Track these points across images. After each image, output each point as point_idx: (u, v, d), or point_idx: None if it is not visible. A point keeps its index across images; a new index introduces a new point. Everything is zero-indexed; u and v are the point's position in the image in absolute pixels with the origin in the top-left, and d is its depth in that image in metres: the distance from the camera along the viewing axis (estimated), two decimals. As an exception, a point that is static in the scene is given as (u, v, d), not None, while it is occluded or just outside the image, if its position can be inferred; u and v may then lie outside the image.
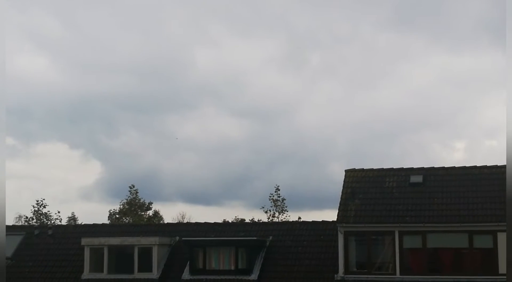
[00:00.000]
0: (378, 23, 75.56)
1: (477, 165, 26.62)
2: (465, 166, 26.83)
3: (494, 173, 25.95)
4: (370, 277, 24.30)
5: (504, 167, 26.28)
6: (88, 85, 74.84)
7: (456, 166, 26.95)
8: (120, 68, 77.81)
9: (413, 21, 77.58)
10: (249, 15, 79.11)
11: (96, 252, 27.90)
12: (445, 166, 26.99)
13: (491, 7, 72.60)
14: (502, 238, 23.20)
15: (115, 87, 75.59)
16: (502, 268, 23.07)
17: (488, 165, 26.43)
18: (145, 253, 27.41)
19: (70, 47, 77.40)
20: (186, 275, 26.92)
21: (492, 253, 23.50)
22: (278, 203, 48.42)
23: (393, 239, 24.32)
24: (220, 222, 32.76)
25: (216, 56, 79.21)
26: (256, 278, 26.23)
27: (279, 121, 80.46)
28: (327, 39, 79.14)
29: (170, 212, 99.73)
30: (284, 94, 78.85)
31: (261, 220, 46.84)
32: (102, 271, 27.58)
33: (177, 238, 28.66)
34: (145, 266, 27.28)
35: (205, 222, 30.21)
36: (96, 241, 28.03)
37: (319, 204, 74.83)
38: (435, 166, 27.06)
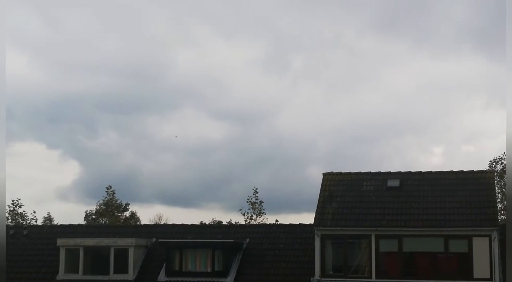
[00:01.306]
0: (361, 28, 76.03)
1: (454, 170, 26.80)
2: (441, 171, 26.98)
3: (471, 178, 26.15)
4: (346, 280, 24.33)
5: (480, 172, 26.65)
6: (67, 85, 74.57)
7: (433, 171, 27.11)
8: (100, 68, 77.59)
9: (395, 26, 78.16)
10: (232, 17, 79.23)
11: (72, 253, 27.67)
12: (422, 171, 27.13)
13: (474, 13, 73.33)
14: (477, 242, 23.47)
15: (94, 87, 75.34)
16: (477, 272, 23.33)
17: (464, 170, 26.62)
18: (121, 254, 27.24)
19: (50, 46, 77.11)
20: (162, 276, 26.80)
21: (467, 257, 23.65)
22: (256, 206, 48.40)
23: (370, 243, 24.38)
24: (197, 224, 32.69)
25: (198, 57, 79.24)
26: (233, 281, 26.19)
27: (259, 124, 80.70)
28: (310, 43, 79.44)
29: (148, 214, 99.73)
30: (265, 97, 79.12)
31: (238, 222, 46.88)
32: (78, 272, 27.39)
33: (154, 239, 28.54)
34: (121, 267, 27.13)
35: (182, 224, 30.09)
36: (72, 241, 27.83)
37: (297, 207, 75.06)
38: (412, 170, 27.22)
